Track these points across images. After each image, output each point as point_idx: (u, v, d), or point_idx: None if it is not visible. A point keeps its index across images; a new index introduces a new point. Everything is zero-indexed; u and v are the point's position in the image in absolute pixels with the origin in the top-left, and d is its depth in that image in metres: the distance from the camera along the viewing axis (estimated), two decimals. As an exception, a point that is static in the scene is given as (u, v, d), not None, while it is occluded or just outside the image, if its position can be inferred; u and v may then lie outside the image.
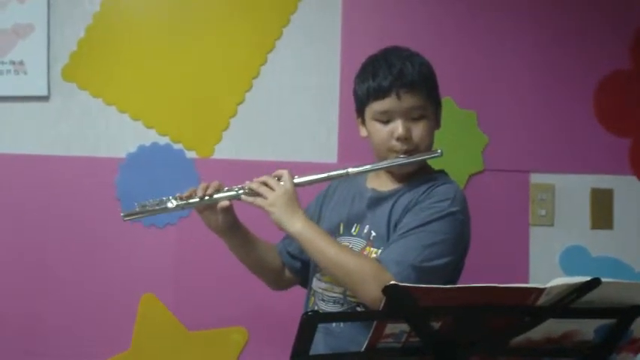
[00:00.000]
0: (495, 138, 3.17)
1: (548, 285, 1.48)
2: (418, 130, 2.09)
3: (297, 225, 2.05)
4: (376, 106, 2.10)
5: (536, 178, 3.20)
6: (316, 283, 2.21)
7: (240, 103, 3.11)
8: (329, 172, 2.18)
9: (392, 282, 1.46)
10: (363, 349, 1.57)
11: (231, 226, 2.26)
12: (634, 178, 3.24)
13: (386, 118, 2.10)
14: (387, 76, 2.07)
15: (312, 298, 2.22)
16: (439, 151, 2.12)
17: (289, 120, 3.13)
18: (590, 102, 3.23)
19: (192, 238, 3.00)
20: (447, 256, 1.99)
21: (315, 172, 2.18)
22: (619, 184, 3.24)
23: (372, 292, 1.89)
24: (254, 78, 3.11)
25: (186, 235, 3.04)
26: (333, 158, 3.09)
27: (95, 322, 3.02)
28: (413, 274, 1.92)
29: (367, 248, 2.09)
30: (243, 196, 2.15)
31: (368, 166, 2.16)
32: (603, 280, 1.49)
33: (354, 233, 2.15)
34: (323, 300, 2.16)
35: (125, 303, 3.03)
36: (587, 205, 3.23)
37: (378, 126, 2.11)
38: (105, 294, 3.03)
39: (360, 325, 1.96)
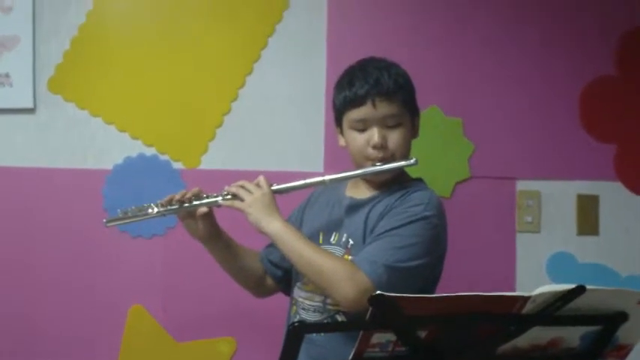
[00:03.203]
0: (481, 145, 3.18)
1: (534, 293, 1.49)
2: (394, 138, 2.12)
3: (273, 225, 2.09)
4: (352, 115, 2.13)
5: (522, 185, 3.20)
6: (297, 292, 2.24)
7: (226, 113, 3.11)
8: (306, 179, 2.20)
9: (378, 292, 1.45)
10: (350, 359, 1.57)
11: (212, 233, 2.30)
12: (619, 184, 3.25)
13: (362, 127, 2.12)
14: (364, 85, 2.11)
15: (294, 307, 2.25)
16: (413, 159, 2.14)
17: (275, 129, 3.13)
18: (575, 108, 3.24)
19: (179, 248, 3.00)
20: (421, 258, 2.02)
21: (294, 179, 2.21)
22: (604, 190, 3.24)
23: (345, 292, 1.95)
24: (240, 88, 3.12)
25: (173, 246, 3.04)
26: (319, 167, 3.09)
27: (83, 334, 3.02)
28: (385, 273, 1.95)
29: (345, 256, 2.11)
30: (220, 200, 2.19)
31: (344, 174, 2.19)
32: (588, 287, 1.50)
33: (334, 242, 2.18)
34: (304, 309, 2.18)
35: (113, 315, 3.03)
36: (574, 212, 3.23)
37: (355, 134, 2.14)
38: (92, 306, 3.03)
39: (341, 335, 2.00)
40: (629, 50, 3.25)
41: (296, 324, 1.53)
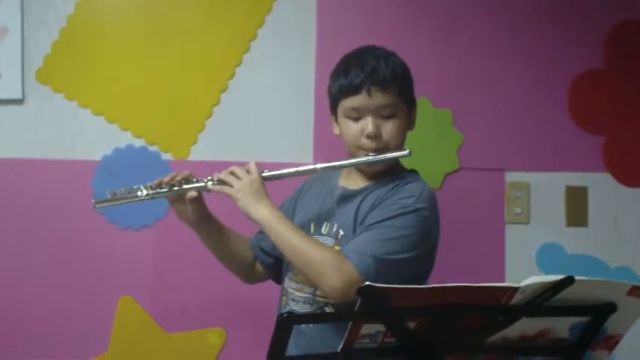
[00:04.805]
0: (470, 137, 3.18)
1: (522, 284, 1.49)
2: (388, 128, 2.11)
3: (262, 211, 2.07)
4: (347, 103, 2.12)
5: (511, 177, 3.21)
6: (288, 283, 2.23)
7: (216, 104, 3.10)
8: (297, 167, 2.20)
9: (367, 283, 1.46)
10: (339, 350, 1.57)
11: (202, 218, 2.28)
12: (608, 175, 3.26)
13: (356, 115, 2.11)
14: (359, 73, 2.09)
15: (285, 298, 2.25)
16: (407, 150, 2.13)
17: (264, 120, 3.12)
18: (564, 100, 3.24)
19: (169, 239, 3.00)
20: (411, 250, 2.01)
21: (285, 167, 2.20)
22: (593, 181, 3.25)
23: (332, 283, 1.94)
24: (229, 79, 3.11)
25: (163, 237, 3.03)
26: (309, 158, 3.08)
27: (72, 325, 3.01)
28: (374, 264, 1.94)
29: (336, 247, 2.10)
30: (210, 185, 2.17)
31: (336, 163, 2.18)
32: (576, 278, 1.50)
33: (325, 232, 2.17)
34: (294, 300, 2.18)
35: (102, 305, 3.02)
36: (562, 203, 3.24)
37: (349, 123, 2.13)
38: (82, 297, 3.01)
39: (330, 326, 2.00)
40: (617, 43, 3.26)
41: (284, 315, 1.53)
